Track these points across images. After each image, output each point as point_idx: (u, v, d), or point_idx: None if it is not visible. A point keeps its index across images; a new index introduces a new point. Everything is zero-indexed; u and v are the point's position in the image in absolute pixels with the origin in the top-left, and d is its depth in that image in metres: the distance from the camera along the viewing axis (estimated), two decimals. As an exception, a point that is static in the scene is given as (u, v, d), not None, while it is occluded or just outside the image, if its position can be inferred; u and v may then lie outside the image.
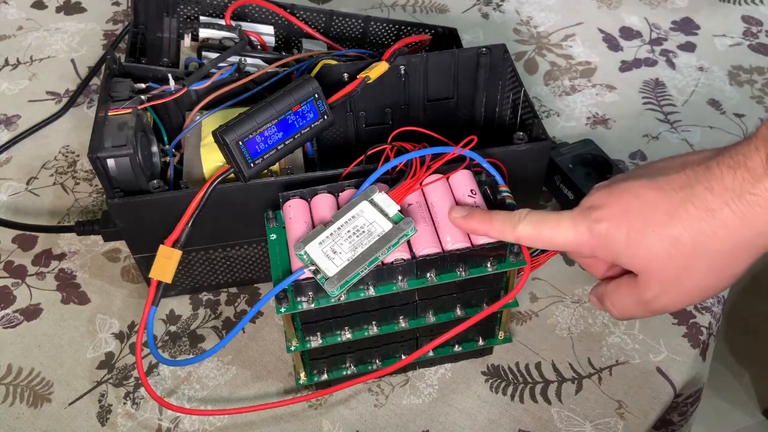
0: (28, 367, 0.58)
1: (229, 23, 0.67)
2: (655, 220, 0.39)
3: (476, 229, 0.47)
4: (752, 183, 0.36)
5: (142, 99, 0.57)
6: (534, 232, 0.44)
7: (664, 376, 0.56)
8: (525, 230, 0.44)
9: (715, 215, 0.37)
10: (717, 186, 0.37)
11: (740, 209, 0.36)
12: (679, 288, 0.40)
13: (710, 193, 0.37)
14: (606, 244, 0.41)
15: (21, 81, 0.82)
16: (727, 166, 0.37)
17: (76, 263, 0.65)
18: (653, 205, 0.40)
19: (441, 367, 0.57)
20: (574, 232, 0.42)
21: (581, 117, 0.77)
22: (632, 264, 0.41)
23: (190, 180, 0.56)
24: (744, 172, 0.36)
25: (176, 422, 0.54)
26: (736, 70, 0.82)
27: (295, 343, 0.50)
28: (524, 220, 0.44)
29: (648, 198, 0.40)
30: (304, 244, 0.46)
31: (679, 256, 0.39)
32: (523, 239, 0.45)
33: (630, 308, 0.43)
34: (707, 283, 0.40)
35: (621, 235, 0.40)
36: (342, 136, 0.64)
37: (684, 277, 0.40)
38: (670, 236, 0.39)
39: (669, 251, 0.39)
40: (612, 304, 0.44)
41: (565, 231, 0.43)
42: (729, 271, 0.39)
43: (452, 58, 0.62)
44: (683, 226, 0.38)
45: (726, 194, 0.37)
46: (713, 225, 0.37)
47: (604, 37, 0.86)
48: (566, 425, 0.54)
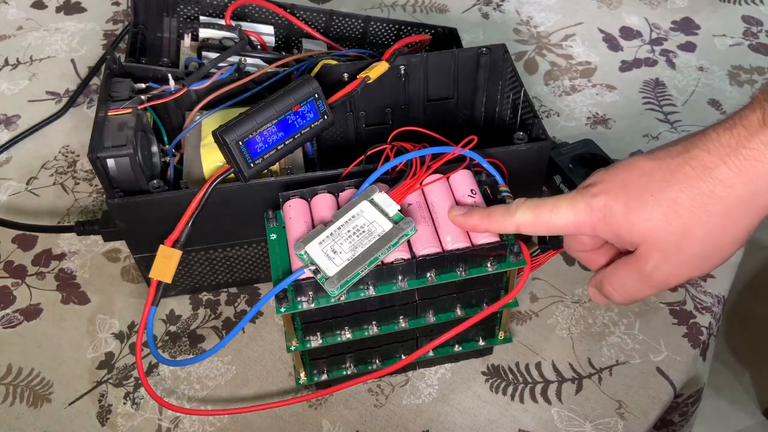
0: (28, 367, 0.58)
1: (229, 23, 0.67)
2: (653, 187, 0.39)
3: (476, 225, 0.46)
4: (748, 138, 0.36)
5: (142, 99, 0.57)
6: (532, 218, 0.43)
7: (664, 376, 0.56)
8: (523, 217, 0.43)
9: (712, 173, 0.37)
10: (713, 146, 0.37)
11: (737, 165, 0.36)
12: (679, 256, 0.39)
13: (706, 152, 0.37)
14: (605, 218, 0.40)
15: (21, 81, 0.82)
16: (722, 128, 0.37)
17: (76, 263, 0.65)
18: (650, 174, 0.39)
19: (441, 367, 0.57)
20: (573, 211, 0.41)
21: (581, 117, 0.77)
22: (631, 235, 0.40)
23: (190, 180, 0.56)
24: (740, 129, 0.36)
25: (176, 422, 0.54)
26: (736, 70, 0.82)
27: (295, 343, 0.50)
28: (521, 208, 0.44)
29: (645, 168, 0.40)
30: (304, 244, 0.46)
31: (678, 219, 0.38)
32: (523, 227, 0.44)
33: (631, 287, 0.42)
34: (706, 248, 0.39)
35: (619, 205, 0.40)
36: (342, 136, 0.64)
37: (684, 242, 0.39)
38: (667, 199, 0.38)
39: (667, 215, 0.38)
40: (612, 288, 0.43)
41: (564, 211, 0.42)
42: (728, 235, 0.38)
43: (452, 58, 0.62)
44: (681, 187, 0.38)
45: (722, 151, 0.37)
46: (711, 183, 0.37)
47: (604, 37, 0.86)
48: (566, 425, 0.54)
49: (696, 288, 0.62)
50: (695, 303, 0.61)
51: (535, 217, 0.43)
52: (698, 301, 0.61)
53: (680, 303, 0.61)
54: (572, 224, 0.42)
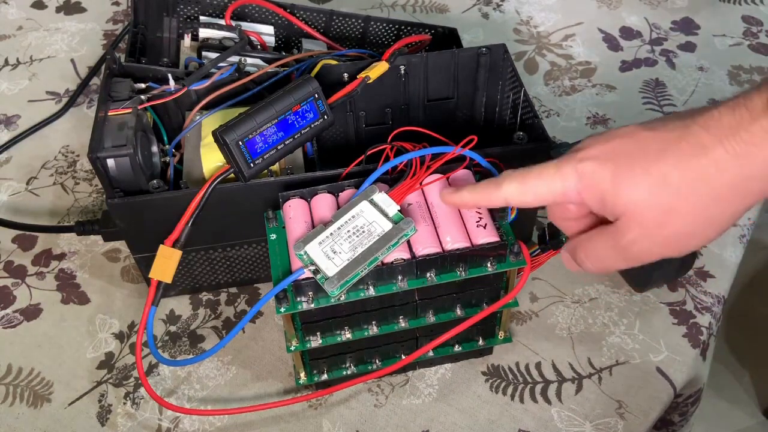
0: (28, 367, 0.58)
1: (229, 23, 0.67)
2: (645, 158, 0.37)
3: (466, 201, 0.46)
4: (749, 121, 0.35)
5: (142, 99, 0.57)
6: (519, 187, 0.42)
7: (664, 376, 0.56)
8: (510, 188, 0.42)
9: (707, 153, 0.36)
10: (714, 125, 0.36)
11: (733, 147, 0.35)
12: (660, 233, 0.38)
13: (705, 131, 0.36)
14: (592, 184, 0.39)
15: (21, 81, 0.82)
16: (726, 107, 0.36)
17: (76, 263, 0.65)
18: (644, 144, 0.38)
19: (441, 367, 0.57)
20: (560, 177, 0.40)
21: (581, 117, 0.77)
22: (615, 204, 0.38)
23: (190, 180, 0.56)
24: (743, 111, 0.35)
25: (176, 422, 0.54)
26: (736, 70, 0.82)
27: (295, 343, 0.50)
28: (508, 178, 0.43)
29: (640, 137, 0.38)
30: (304, 244, 0.46)
31: (665, 195, 0.37)
32: (511, 198, 0.43)
33: (604, 256, 0.41)
34: (688, 229, 0.38)
35: (607, 172, 0.38)
36: (342, 136, 0.64)
37: (667, 220, 0.37)
38: (658, 172, 0.37)
39: (655, 189, 0.37)
40: (585, 254, 0.42)
41: (550, 178, 0.41)
42: (713, 218, 0.37)
43: (452, 58, 0.62)
44: (673, 162, 0.37)
45: (721, 131, 0.35)
46: (704, 163, 0.36)
47: (604, 37, 0.86)
48: (566, 425, 0.54)
49: (696, 288, 0.62)
50: (695, 303, 0.61)
51: (521, 186, 0.42)
52: (698, 301, 0.61)
53: (680, 303, 0.61)
54: (559, 191, 0.41)
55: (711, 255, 0.64)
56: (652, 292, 0.61)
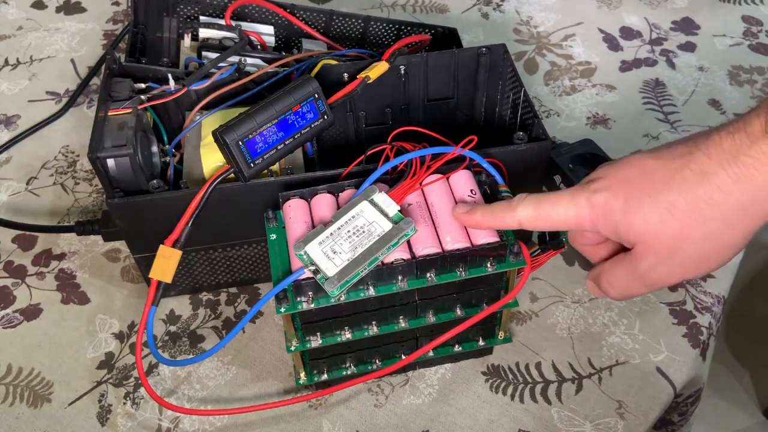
0: (28, 367, 0.58)
1: (229, 23, 0.67)
2: (652, 187, 0.39)
3: (479, 222, 0.47)
4: (749, 145, 0.36)
5: (142, 99, 0.57)
6: (534, 213, 0.43)
7: (664, 376, 0.56)
8: (524, 212, 0.44)
9: (710, 179, 0.37)
10: (715, 150, 0.37)
11: (735, 172, 0.36)
12: (674, 258, 0.39)
13: (707, 157, 0.37)
14: (605, 214, 0.40)
15: (21, 81, 0.82)
16: (726, 132, 0.37)
17: (76, 263, 0.65)
18: (651, 173, 0.39)
19: (441, 367, 0.57)
20: (574, 206, 0.42)
21: (581, 117, 0.77)
22: (629, 233, 0.40)
23: (190, 180, 0.56)
24: (742, 136, 0.36)
25: (176, 422, 0.54)
26: (736, 70, 0.82)
27: (295, 343, 0.50)
28: (523, 203, 0.44)
29: (647, 167, 0.40)
30: (304, 244, 0.46)
31: (674, 222, 0.38)
32: (525, 222, 0.44)
33: (626, 284, 0.42)
34: (702, 252, 0.39)
35: (618, 203, 0.40)
36: (342, 136, 0.64)
37: (679, 245, 0.39)
38: (665, 201, 0.38)
39: (664, 217, 0.38)
40: (609, 283, 0.43)
41: (564, 206, 0.42)
42: (724, 240, 0.38)
43: (452, 58, 0.62)
44: (679, 190, 0.38)
45: (722, 157, 0.36)
46: (708, 189, 0.37)
47: (604, 37, 0.86)
48: (566, 425, 0.54)
49: (696, 288, 0.62)
50: (695, 303, 0.61)
51: (536, 211, 0.43)
52: (698, 301, 0.61)
53: (680, 303, 0.61)
54: (573, 219, 0.42)
55: (711, 255, 0.64)
56: (652, 292, 0.61)
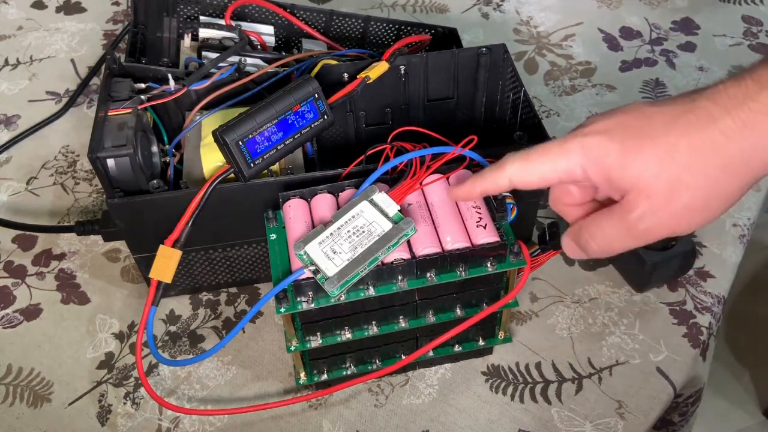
0: (28, 367, 0.58)
1: (229, 23, 0.67)
2: (652, 131, 0.37)
3: (472, 188, 0.45)
4: (756, 91, 0.35)
5: (142, 99, 0.57)
6: (523, 166, 0.42)
7: (664, 376, 0.56)
8: (513, 168, 0.42)
9: (715, 122, 0.36)
10: (720, 97, 0.36)
11: (741, 117, 0.35)
12: (668, 206, 0.38)
13: (712, 102, 0.36)
14: (598, 158, 0.39)
15: (21, 81, 0.82)
16: (731, 80, 0.36)
17: (76, 263, 0.65)
18: (650, 118, 0.38)
19: (441, 367, 0.57)
20: (564, 154, 0.40)
21: (581, 117, 0.77)
22: (622, 178, 0.38)
23: (190, 180, 0.56)
24: (749, 82, 0.35)
25: (176, 422, 0.54)
26: (736, 70, 0.81)
27: (295, 343, 0.50)
28: (510, 159, 0.42)
29: (646, 112, 0.38)
30: (304, 244, 0.46)
31: (674, 166, 0.37)
32: (515, 178, 0.42)
33: (611, 235, 0.40)
34: (697, 201, 0.37)
35: (615, 145, 0.38)
36: (342, 136, 0.64)
37: (675, 191, 0.37)
38: (666, 143, 0.37)
39: (663, 161, 0.37)
40: (590, 235, 0.41)
41: (554, 155, 0.40)
42: (721, 189, 0.37)
43: (452, 58, 0.62)
44: (681, 133, 0.37)
45: (728, 102, 0.36)
46: (712, 133, 0.36)
47: (604, 37, 0.86)
48: (566, 425, 0.54)
49: (696, 288, 0.62)
50: (695, 303, 0.61)
51: (524, 165, 0.41)
52: (698, 301, 0.61)
53: (680, 303, 0.61)
54: (563, 169, 0.40)
55: (711, 255, 0.64)
56: (652, 292, 0.61)
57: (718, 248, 0.64)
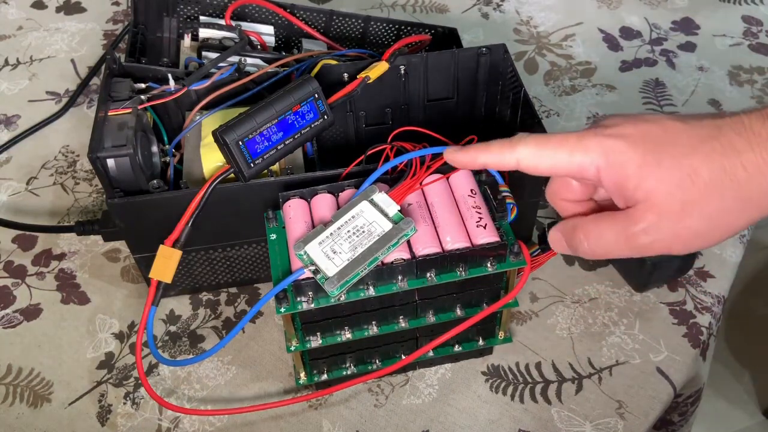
0: (28, 367, 0.58)
1: (229, 23, 0.67)
2: (675, 150, 0.37)
3: (474, 158, 0.44)
4: None
5: (142, 99, 0.57)
6: (536, 150, 0.40)
7: (664, 376, 0.56)
8: (525, 151, 0.41)
9: (739, 155, 0.36)
10: (744, 131, 0.36)
11: (763, 155, 0.35)
12: (673, 227, 0.38)
13: (738, 135, 0.36)
14: (616, 163, 0.38)
15: (21, 81, 0.82)
16: (755, 116, 0.36)
17: (76, 263, 0.65)
18: (675, 135, 0.38)
19: (441, 367, 0.57)
20: (581, 149, 0.39)
21: (581, 117, 0.77)
22: (637, 189, 0.38)
23: (190, 180, 0.56)
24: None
25: (176, 422, 0.54)
26: (736, 70, 0.82)
27: (295, 343, 0.50)
28: (524, 140, 0.41)
29: (670, 127, 0.38)
30: (304, 244, 0.46)
31: (692, 190, 0.37)
32: (523, 162, 0.41)
33: (608, 240, 0.40)
34: (704, 227, 0.37)
35: (636, 155, 0.37)
36: (342, 136, 0.64)
37: (686, 213, 0.37)
38: (688, 166, 0.37)
39: (684, 181, 0.37)
40: (585, 235, 0.40)
41: (571, 147, 0.39)
42: (730, 220, 0.37)
43: (452, 58, 0.62)
44: (704, 158, 0.36)
45: (752, 139, 0.36)
46: (735, 164, 0.36)
47: (604, 37, 0.86)
48: (566, 425, 0.54)
49: (696, 288, 0.62)
50: (695, 303, 0.61)
51: (538, 150, 0.40)
52: (698, 301, 0.61)
53: (680, 303, 0.61)
54: (576, 165, 0.39)
55: (711, 255, 0.64)
56: (652, 292, 0.61)
57: (718, 248, 0.64)
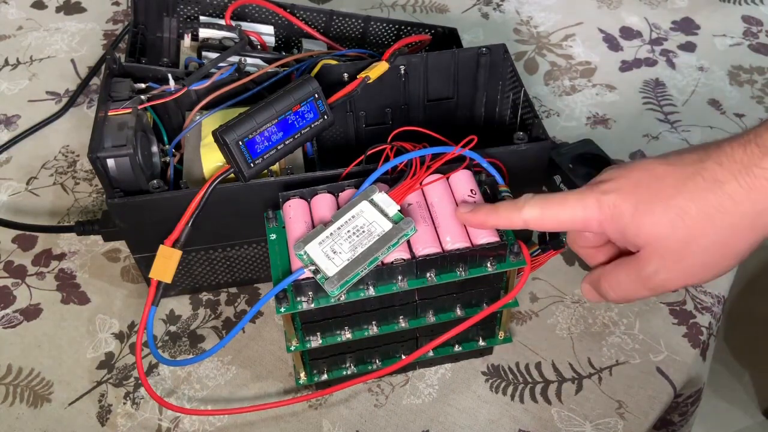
0: (28, 367, 0.58)
1: (229, 23, 0.67)
2: (663, 192, 0.39)
3: (484, 221, 0.47)
4: (760, 157, 0.37)
5: (142, 99, 0.57)
6: (540, 213, 0.43)
7: (664, 376, 0.56)
8: (531, 213, 0.44)
9: (723, 187, 0.37)
10: (727, 160, 0.38)
11: (747, 182, 0.37)
12: (680, 263, 0.40)
13: (720, 166, 0.38)
14: (614, 216, 0.41)
15: (21, 81, 0.82)
16: (738, 143, 0.38)
17: (76, 263, 0.65)
18: (662, 178, 0.40)
19: (441, 367, 0.57)
20: (582, 207, 0.42)
21: (581, 117, 0.77)
22: (637, 236, 0.40)
23: (190, 180, 0.56)
24: (754, 147, 0.37)
25: (176, 422, 0.54)
26: (736, 70, 0.82)
27: (295, 343, 0.50)
28: (529, 203, 0.44)
29: (658, 172, 0.40)
30: (304, 244, 0.46)
31: (684, 228, 0.39)
32: (531, 222, 0.44)
33: (628, 286, 0.42)
34: (708, 260, 0.40)
35: (628, 206, 0.40)
36: (342, 136, 0.64)
37: (686, 251, 0.39)
38: (676, 206, 0.39)
39: (674, 222, 0.39)
40: (609, 285, 0.43)
41: (572, 207, 0.42)
42: (730, 249, 0.39)
43: (452, 58, 0.62)
44: (690, 196, 0.38)
45: (734, 167, 0.37)
46: (720, 197, 0.37)
47: (604, 37, 0.86)
48: (566, 425, 0.54)
49: (696, 288, 0.62)
50: (695, 303, 0.61)
51: (542, 211, 0.43)
52: (698, 301, 0.61)
53: (680, 303, 0.61)
54: (580, 220, 0.42)
55: (711, 255, 0.64)
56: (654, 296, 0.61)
57: (718, 248, 0.64)
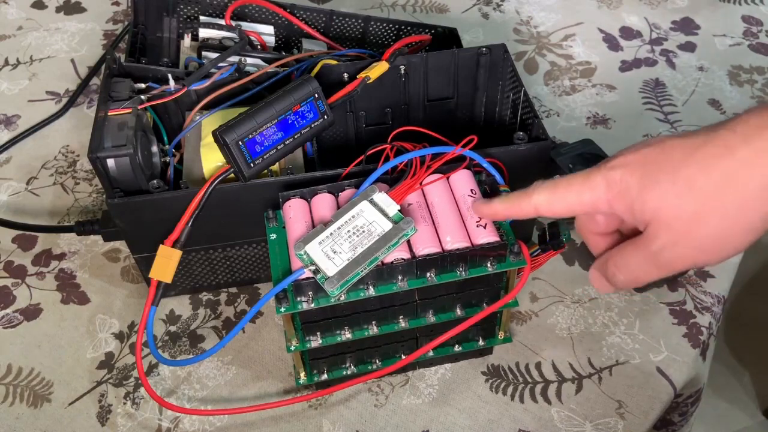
0: (28, 367, 0.58)
1: (229, 23, 0.67)
2: (670, 164, 0.38)
3: (497, 211, 0.47)
4: None
5: (142, 99, 0.57)
6: (549, 197, 0.43)
7: (664, 376, 0.56)
8: (540, 198, 0.43)
9: (733, 153, 0.36)
10: (740, 126, 0.36)
11: (757, 145, 0.35)
12: (689, 237, 0.38)
13: (732, 132, 0.36)
14: (620, 192, 0.39)
15: (21, 81, 0.82)
16: (752, 111, 0.36)
17: (76, 263, 0.65)
18: (669, 151, 0.38)
19: (441, 367, 0.57)
20: (588, 187, 0.41)
21: (581, 117, 0.77)
22: (643, 211, 0.39)
23: (190, 180, 0.56)
24: None
25: (176, 422, 0.54)
26: (736, 70, 0.82)
27: (295, 343, 0.50)
28: (538, 189, 0.43)
29: (666, 145, 0.39)
30: (304, 244, 0.46)
31: (692, 199, 0.37)
32: (541, 207, 0.44)
33: (636, 265, 0.41)
34: (718, 234, 0.38)
35: (634, 180, 0.39)
36: (342, 136, 0.64)
37: (695, 224, 0.37)
38: (683, 177, 0.37)
39: (681, 193, 0.37)
40: (616, 267, 0.42)
41: (579, 187, 0.41)
42: (742, 221, 0.37)
43: (452, 58, 0.62)
44: (698, 167, 0.37)
45: (748, 131, 0.36)
46: (730, 164, 0.36)
47: (604, 37, 0.86)
48: (566, 425, 0.54)
49: (696, 288, 0.62)
50: (695, 303, 0.61)
51: (551, 196, 0.43)
52: (698, 301, 0.61)
53: (680, 303, 0.61)
54: (588, 200, 0.41)
55: (711, 255, 0.64)
56: (652, 292, 0.61)
57: (718, 248, 0.64)
